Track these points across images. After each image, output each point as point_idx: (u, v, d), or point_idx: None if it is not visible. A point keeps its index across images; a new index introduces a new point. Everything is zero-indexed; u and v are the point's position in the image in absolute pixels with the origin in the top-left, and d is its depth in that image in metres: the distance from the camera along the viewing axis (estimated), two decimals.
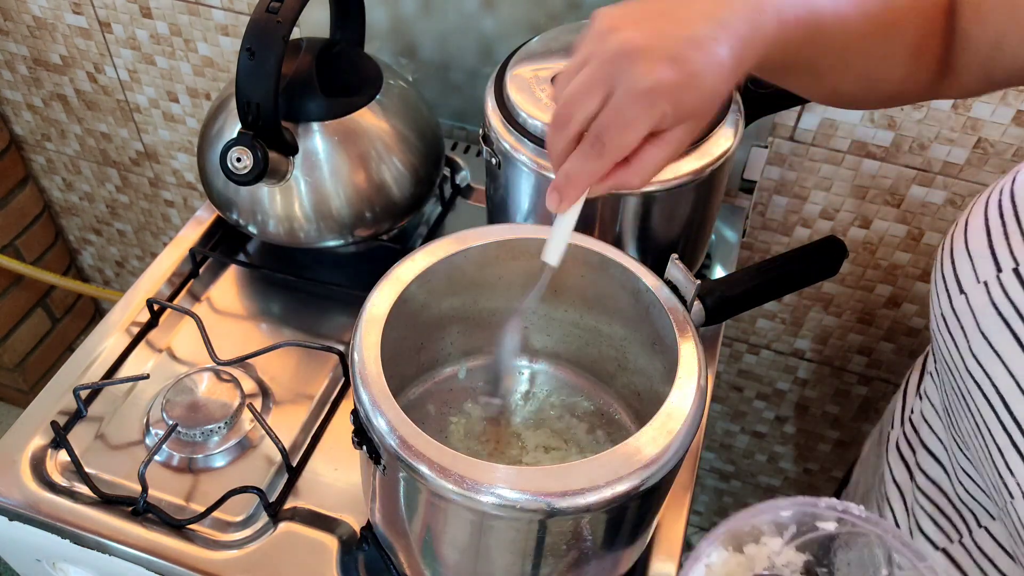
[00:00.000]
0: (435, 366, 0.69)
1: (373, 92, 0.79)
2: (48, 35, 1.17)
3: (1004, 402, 0.42)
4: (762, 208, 1.00)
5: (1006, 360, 0.42)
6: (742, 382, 1.24)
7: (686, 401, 0.51)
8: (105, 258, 1.59)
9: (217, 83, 1.14)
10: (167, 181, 1.34)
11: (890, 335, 1.07)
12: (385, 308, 0.55)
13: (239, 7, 1.03)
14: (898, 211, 0.94)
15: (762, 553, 0.51)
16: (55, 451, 0.70)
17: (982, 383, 0.44)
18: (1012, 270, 0.42)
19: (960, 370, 0.46)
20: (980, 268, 0.44)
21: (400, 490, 0.53)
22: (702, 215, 0.75)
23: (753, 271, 0.59)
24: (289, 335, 0.80)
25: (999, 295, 0.42)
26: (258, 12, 0.65)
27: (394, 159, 0.79)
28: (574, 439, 0.66)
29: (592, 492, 0.46)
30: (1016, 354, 0.41)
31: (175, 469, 0.69)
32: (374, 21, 0.95)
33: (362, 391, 0.51)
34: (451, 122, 1.03)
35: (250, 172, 0.69)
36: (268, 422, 0.70)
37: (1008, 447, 0.42)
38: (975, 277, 0.44)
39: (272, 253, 0.89)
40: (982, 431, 0.45)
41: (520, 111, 0.68)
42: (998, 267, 0.43)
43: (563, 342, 0.69)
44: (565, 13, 0.88)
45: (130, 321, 0.80)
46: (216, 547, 0.64)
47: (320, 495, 0.68)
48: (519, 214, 0.74)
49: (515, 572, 0.53)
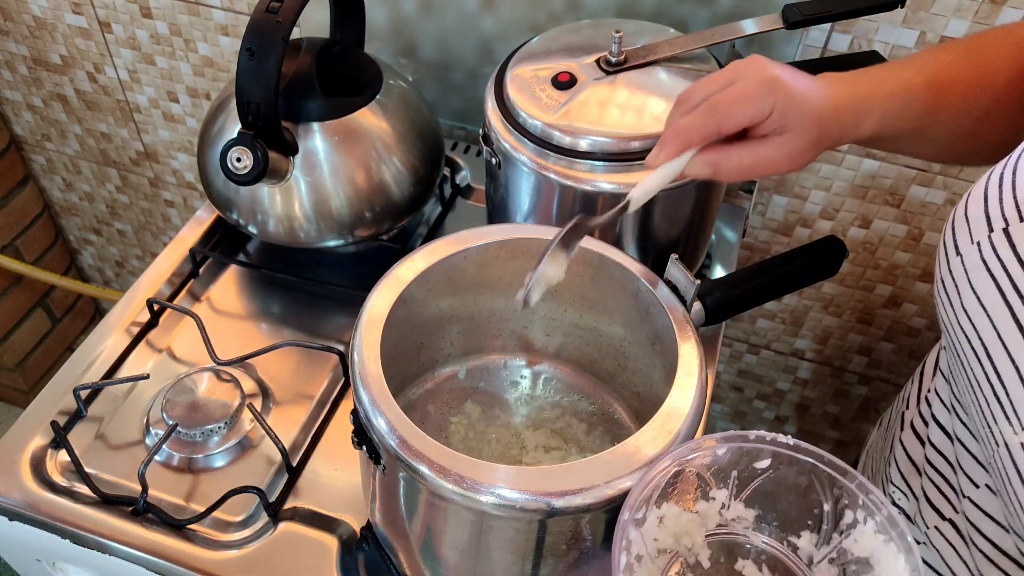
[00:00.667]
0: (435, 366, 0.69)
1: (373, 92, 0.79)
2: (48, 35, 1.17)
3: (988, 355, 0.44)
4: (762, 208, 1.00)
5: (991, 315, 0.44)
6: (742, 382, 1.24)
7: (686, 401, 0.51)
8: (105, 258, 1.60)
9: (217, 83, 1.14)
10: (167, 181, 1.34)
11: (890, 335, 1.07)
12: (385, 308, 0.55)
13: (239, 7, 1.03)
14: (898, 211, 0.94)
15: (712, 510, 0.52)
16: (55, 451, 0.70)
17: (971, 338, 0.46)
18: (1002, 230, 0.44)
19: (954, 327, 0.48)
20: (975, 230, 0.46)
21: (400, 490, 0.53)
22: (702, 215, 0.75)
23: (753, 271, 0.59)
24: (289, 335, 0.80)
25: (989, 253, 0.44)
26: (258, 12, 0.65)
27: (394, 159, 0.79)
28: (574, 439, 0.66)
29: (592, 492, 0.46)
30: (1001, 309, 0.43)
31: (175, 469, 0.69)
32: (374, 21, 0.95)
33: (362, 391, 0.51)
34: (451, 122, 1.03)
35: (250, 172, 0.69)
36: (268, 422, 0.70)
37: (992, 398, 0.45)
38: (970, 239, 0.46)
39: (272, 253, 0.89)
40: (972, 385, 0.47)
41: (520, 111, 0.68)
42: (990, 227, 0.45)
43: (563, 342, 0.69)
44: (565, 13, 0.88)
45: (130, 321, 0.80)
46: (216, 547, 0.64)
47: (320, 495, 0.68)
48: (519, 214, 0.74)
49: (515, 572, 0.53)
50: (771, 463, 0.51)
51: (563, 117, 0.67)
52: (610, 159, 0.66)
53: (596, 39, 0.73)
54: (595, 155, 0.66)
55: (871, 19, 0.80)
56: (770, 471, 0.51)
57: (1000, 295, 0.43)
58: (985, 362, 0.45)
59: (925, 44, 0.80)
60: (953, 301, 0.47)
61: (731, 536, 0.53)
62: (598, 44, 0.72)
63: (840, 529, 0.51)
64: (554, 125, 0.67)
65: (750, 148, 0.52)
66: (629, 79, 0.69)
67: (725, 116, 0.51)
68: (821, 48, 0.84)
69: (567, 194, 0.69)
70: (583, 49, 0.72)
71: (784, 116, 0.50)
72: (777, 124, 0.51)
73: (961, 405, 0.53)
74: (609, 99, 0.68)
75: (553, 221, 0.72)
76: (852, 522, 0.50)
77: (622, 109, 0.67)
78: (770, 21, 0.69)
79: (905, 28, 0.79)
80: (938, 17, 0.78)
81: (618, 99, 0.68)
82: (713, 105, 0.51)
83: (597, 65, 0.70)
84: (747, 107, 0.50)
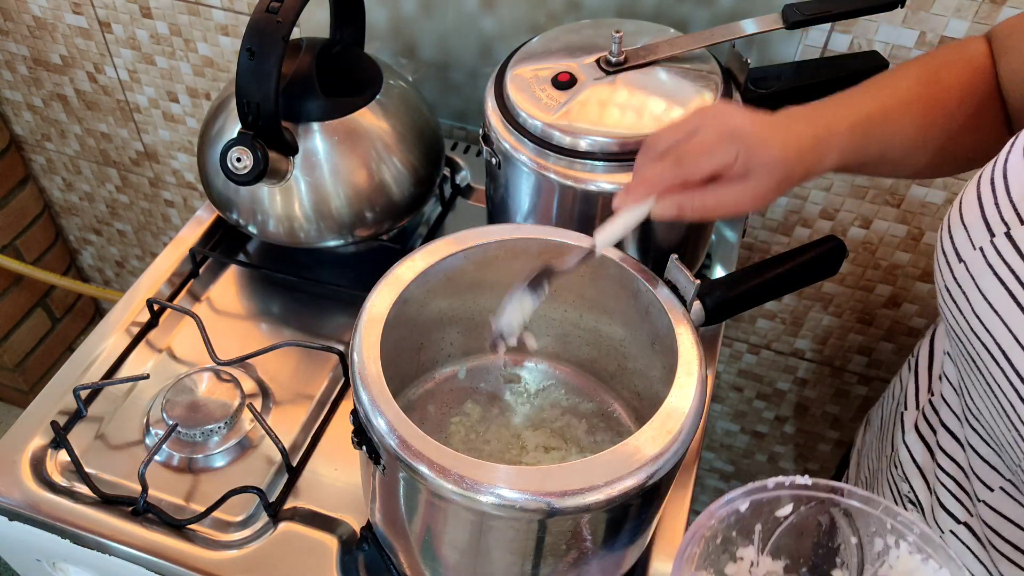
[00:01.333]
0: (435, 366, 0.69)
1: (373, 92, 0.79)
2: (48, 35, 1.17)
3: (1007, 358, 0.45)
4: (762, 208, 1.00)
5: (1005, 318, 0.44)
6: (742, 382, 1.24)
7: (686, 401, 0.51)
8: (105, 258, 1.60)
9: (217, 83, 1.14)
10: (167, 181, 1.34)
11: (890, 335, 1.07)
12: (385, 308, 0.55)
13: (239, 7, 1.03)
14: (898, 211, 0.94)
15: (743, 570, 0.51)
16: (55, 451, 0.70)
17: (987, 343, 0.46)
18: (1004, 234, 0.45)
19: (967, 334, 0.48)
20: (975, 235, 0.47)
21: (400, 490, 0.53)
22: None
23: (753, 271, 0.59)
24: (289, 335, 0.80)
25: (994, 258, 0.45)
26: (258, 12, 0.65)
27: (394, 159, 0.79)
28: (574, 439, 0.66)
29: (592, 492, 0.46)
30: (1014, 311, 0.44)
31: (175, 469, 0.69)
32: (374, 21, 0.95)
33: (362, 391, 0.51)
34: (451, 122, 1.03)
35: (250, 172, 0.69)
36: (268, 422, 0.70)
37: (1016, 401, 0.45)
38: (971, 244, 0.47)
39: (272, 253, 0.89)
40: (992, 390, 0.47)
41: (520, 111, 0.68)
42: (991, 232, 0.45)
43: (563, 342, 0.69)
44: (565, 13, 0.88)
45: (130, 321, 0.80)
46: (216, 547, 0.64)
47: (320, 495, 0.68)
48: (519, 214, 0.74)
49: (515, 572, 0.53)
50: (792, 508, 0.50)
51: (563, 117, 0.67)
52: (610, 159, 0.66)
53: (596, 39, 0.73)
54: (595, 155, 0.66)
55: (871, 19, 0.80)
56: (792, 516, 0.50)
57: (1011, 298, 0.44)
58: (1004, 364, 0.45)
59: (925, 44, 0.80)
60: (963, 308, 0.48)
61: None
62: (598, 44, 0.72)
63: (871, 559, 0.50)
64: (554, 125, 0.67)
65: (713, 192, 0.53)
66: (629, 79, 0.69)
67: (691, 168, 0.53)
68: (821, 48, 0.84)
69: (567, 194, 0.69)
70: (583, 49, 0.72)
71: (747, 164, 0.52)
72: (741, 171, 0.52)
73: (975, 415, 0.53)
74: (609, 99, 0.68)
75: (553, 221, 0.72)
76: (883, 549, 0.49)
77: (622, 109, 0.67)
78: (770, 21, 0.69)
79: (905, 28, 0.79)
80: (938, 17, 0.78)
81: (618, 99, 0.68)
82: (679, 157, 0.53)
83: (597, 65, 0.70)
84: (711, 159, 0.52)
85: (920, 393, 0.64)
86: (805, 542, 0.52)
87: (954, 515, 0.58)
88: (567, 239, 0.60)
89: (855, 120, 0.55)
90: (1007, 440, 0.48)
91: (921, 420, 0.62)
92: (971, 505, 0.56)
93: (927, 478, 0.61)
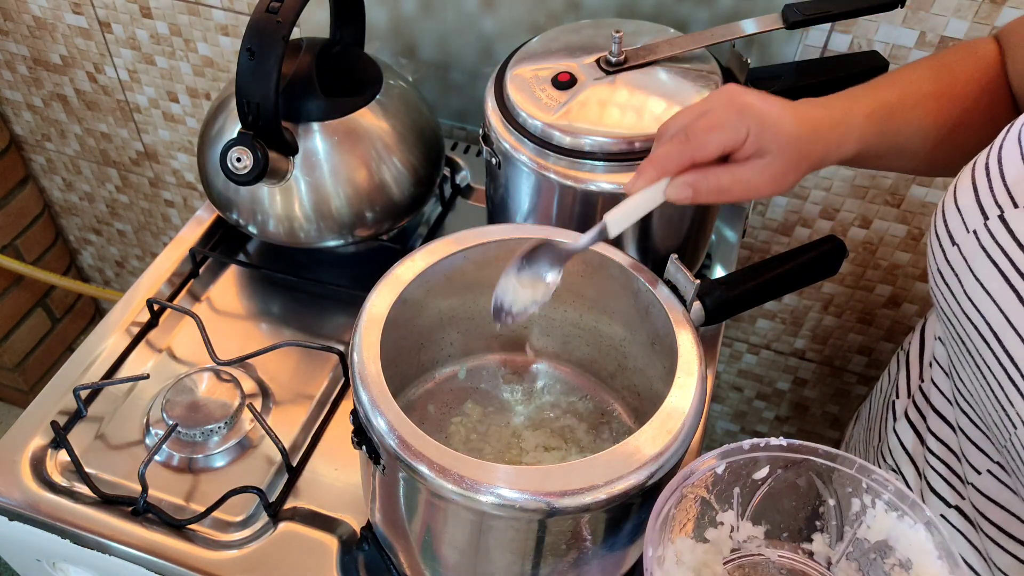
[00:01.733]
0: (435, 366, 0.69)
1: (373, 92, 0.79)
2: (48, 35, 1.17)
3: (998, 339, 0.45)
4: (762, 208, 1.00)
5: (997, 300, 0.45)
6: (742, 382, 1.24)
7: (686, 401, 0.51)
8: (105, 258, 1.60)
9: (217, 83, 1.14)
10: (167, 181, 1.34)
11: (890, 335, 1.07)
12: (385, 308, 0.55)
13: (239, 7, 1.03)
14: (898, 211, 0.94)
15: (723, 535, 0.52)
16: (55, 451, 0.70)
17: (978, 324, 0.46)
18: (998, 216, 0.45)
19: (959, 316, 0.48)
20: (969, 219, 0.47)
21: (400, 490, 0.53)
22: (702, 215, 0.75)
23: (753, 271, 0.59)
24: (289, 335, 0.80)
25: (988, 240, 0.45)
26: (258, 12, 0.65)
27: (394, 159, 0.79)
28: (574, 439, 0.66)
29: (592, 492, 0.46)
30: (1006, 293, 0.44)
31: (175, 469, 0.69)
32: (374, 21, 0.95)
33: (362, 391, 0.51)
34: (451, 122, 1.03)
35: (250, 172, 0.69)
36: (268, 422, 0.70)
37: (1006, 382, 0.45)
38: (965, 228, 0.47)
39: (272, 253, 0.89)
40: (982, 371, 0.47)
41: (520, 111, 0.68)
42: (984, 215, 0.46)
43: (563, 342, 0.69)
44: (565, 13, 0.88)
45: (130, 321, 0.80)
46: (216, 547, 0.64)
47: (320, 495, 0.68)
48: (519, 214, 0.74)
49: (515, 572, 0.53)
50: (769, 471, 0.50)
51: (563, 117, 0.67)
52: (610, 159, 0.66)
53: (596, 39, 0.73)
54: (595, 155, 0.66)
55: (871, 19, 0.80)
56: (769, 479, 0.51)
57: (1004, 280, 0.44)
58: (995, 346, 0.45)
59: (925, 44, 0.80)
60: (955, 290, 0.48)
61: (748, 558, 0.53)
62: (598, 44, 0.72)
63: (849, 520, 0.51)
64: (554, 125, 0.67)
65: (728, 170, 0.53)
66: (629, 79, 0.69)
67: (699, 144, 0.52)
68: (821, 48, 0.84)
69: (567, 194, 0.69)
70: (583, 49, 0.72)
71: (759, 140, 0.51)
72: (754, 148, 0.52)
73: (964, 397, 0.53)
74: (609, 99, 0.68)
75: (553, 221, 0.72)
76: (860, 509, 0.50)
77: (622, 109, 0.67)
78: (770, 21, 0.69)
79: (905, 28, 0.79)
80: (938, 17, 0.78)
81: (618, 99, 0.68)
82: (687, 134, 0.52)
83: (597, 65, 0.70)
84: (720, 135, 0.51)
85: (911, 380, 0.64)
86: (785, 507, 0.53)
87: (945, 499, 0.58)
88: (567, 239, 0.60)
89: (872, 108, 0.55)
90: (995, 420, 0.48)
91: (911, 407, 0.63)
92: (962, 488, 0.56)
93: (916, 463, 0.61)
